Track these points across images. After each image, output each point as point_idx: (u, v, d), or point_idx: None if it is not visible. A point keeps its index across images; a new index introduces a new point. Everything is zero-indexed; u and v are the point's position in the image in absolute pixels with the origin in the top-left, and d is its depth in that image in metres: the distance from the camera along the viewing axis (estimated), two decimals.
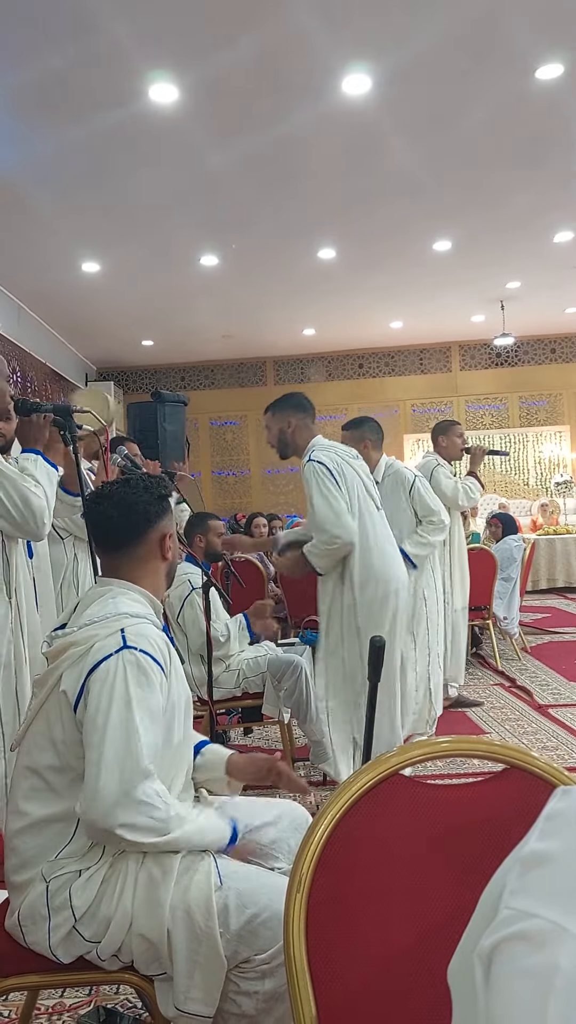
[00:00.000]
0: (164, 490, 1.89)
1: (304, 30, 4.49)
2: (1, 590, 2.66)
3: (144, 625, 1.69)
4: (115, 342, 11.38)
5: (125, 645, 1.62)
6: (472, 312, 10.88)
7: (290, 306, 10.08)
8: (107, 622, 1.67)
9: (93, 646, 1.63)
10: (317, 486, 3.29)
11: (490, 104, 5.41)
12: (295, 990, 1.00)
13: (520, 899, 0.63)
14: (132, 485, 1.86)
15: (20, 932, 1.61)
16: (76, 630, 1.69)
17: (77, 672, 1.62)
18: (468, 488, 4.92)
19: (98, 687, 1.58)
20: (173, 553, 1.91)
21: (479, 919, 0.68)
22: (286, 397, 3.59)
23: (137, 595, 1.80)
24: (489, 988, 0.61)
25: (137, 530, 1.83)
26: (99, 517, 1.86)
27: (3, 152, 5.64)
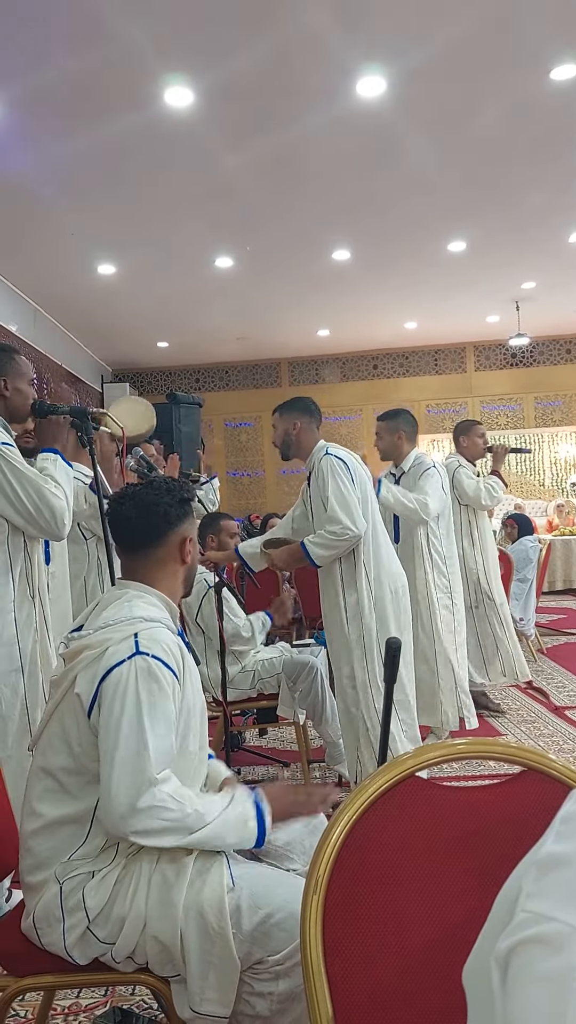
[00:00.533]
0: (187, 493, 1.90)
1: (318, 32, 4.49)
2: (25, 589, 2.68)
3: (158, 630, 1.69)
4: (130, 344, 11.41)
5: (138, 651, 1.62)
6: (487, 312, 10.85)
7: (305, 307, 10.08)
8: (121, 626, 1.68)
9: (106, 650, 1.64)
10: (334, 479, 3.33)
11: (505, 105, 5.40)
12: (312, 991, 1.00)
13: (537, 902, 0.63)
14: (155, 487, 1.87)
15: (36, 934, 1.61)
16: (91, 632, 1.70)
17: (91, 676, 1.62)
18: (491, 487, 4.90)
19: (111, 694, 1.59)
20: (193, 557, 1.91)
21: (495, 921, 0.68)
22: (294, 400, 3.65)
23: (154, 598, 1.81)
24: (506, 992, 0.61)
25: (157, 532, 1.84)
26: (120, 517, 1.87)
27: (20, 156, 5.67)
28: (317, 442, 3.55)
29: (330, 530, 3.30)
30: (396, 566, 3.52)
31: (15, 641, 2.63)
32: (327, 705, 3.87)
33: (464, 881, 1.09)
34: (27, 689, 2.65)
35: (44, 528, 2.64)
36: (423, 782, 1.13)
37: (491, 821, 1.11)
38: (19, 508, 2.59)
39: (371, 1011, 1.02)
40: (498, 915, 0.68)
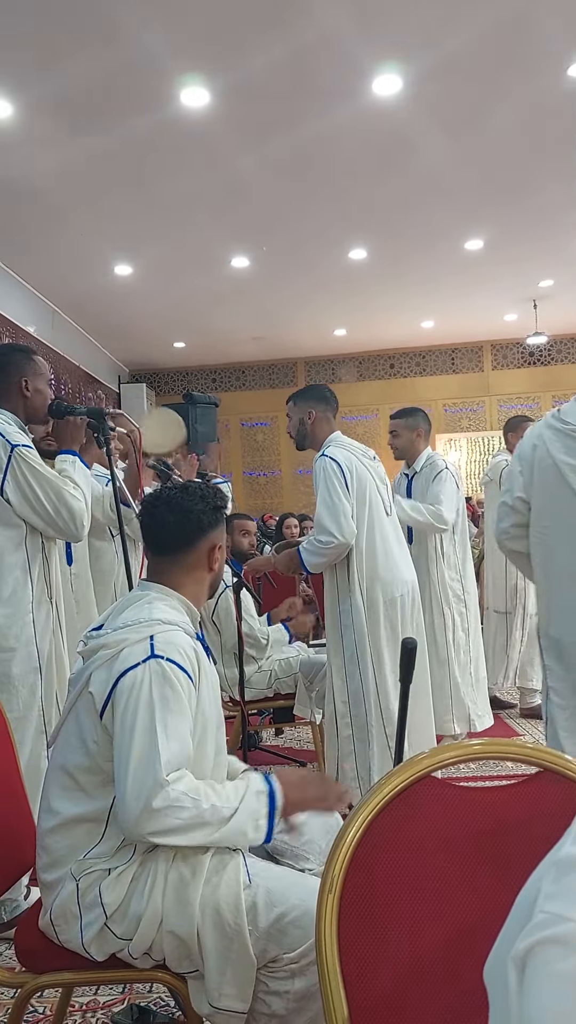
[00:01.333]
0: (221, 501, 1.91)
1: (334, 32, 4.49)
2: (43, 590, 2.70)
3: (175, 633, 1.70)
4: (147, 344, 11.44)
5: (153, 654, 1.63)
6: (504, 311, 10.80)
7: (321, 307, 10.07)
8: (139, 627, 1.68)
9: (122, 651, 1.64)
10: (324, 484, 3.24)
11: (521, 103, 5.37)
12: (327, 991, 1.00)
13: (555, 903, 0.63)
14: (190, 492, 1.88)
15: (53, 931, 1.62)
16: (110, 632, 1.71)
17: (105, 676, 1.63)
18: None
19: (124, 697, 1.60)
20: (220, 565, 1.92)
21: (515, 921, 0.69)
22: (309, 388, 3.57)
23: (175, 602, 1.81)
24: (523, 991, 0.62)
25: (189, 537, 1.85)
26: (154, 520, 1.87)
27: (38, 158, 5.70)
28: (332, 432, 3.44)
29: (318, 538, 3.23)
30: (397, 572, 3.34)
31: (33, 642, 2.65)
32: None
33: (480, 881, 1.09)
34: (44, 690, 2.67)
35: (63, 529, 2.66)
36: (439, 782, 1.13)
37: (507, 822, 1.11)
38: (38, 510, 2.60)
39: (386, 1010, 1.02)
40: (518, 915, 0.69)
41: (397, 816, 1.09)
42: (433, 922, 1.07)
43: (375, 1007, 1.01)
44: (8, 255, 7.64)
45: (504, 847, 1.10)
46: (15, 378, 2.71)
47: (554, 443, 2.43)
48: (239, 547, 4.14)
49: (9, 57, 4.55)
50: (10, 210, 6.59)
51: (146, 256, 7.90)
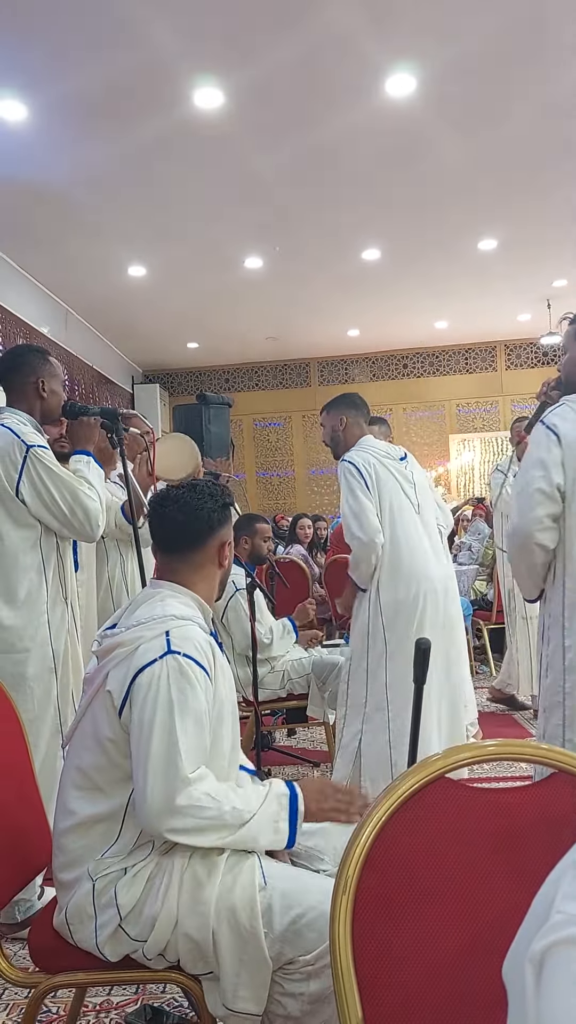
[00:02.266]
0: (228, 498, 1.92)
1: (348, 32, 4.49)
2: (58, 591, 2.71)
3: (190, 627, 1.70)
4: (161, 345, 11.47)
5: (169, 650, 1.63)
6: (518, 311, 10.76)
7: (334, 307, 10.07)
8: (153, 624, 1.69)
9: (138, 648, 1.65)
10: (345, 487, 3.24)
11: (536, 102, 5.35)
12: (341, 993, 1.00)
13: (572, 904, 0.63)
14: (199, 491, 1.88)
15: (68, 930, 1.63)
16: (124, 630, 1.71)
17: (122, 674, 1.64)
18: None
19: (142, 694, 1.60)
20: (229, 561, 1.93)
21: (531, 922, 0.68)
22: (341, 396, 3.55)
23: (188, 599, 1.82)
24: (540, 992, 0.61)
25: (199, 536, 1.85)
26: (163, 519, 1.88)
27: (51, 159, 5.72)
28: (363, 436, 3.43)
29: (348, 543, 3.22)
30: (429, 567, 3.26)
31: (48, 642, 2.65)
32: None
33: (495, 882, 1.08)
34: (59, 690, 2.68)
35: (78, 530, 2.67)
36: (453, 783, 1.13)
37: (522, 823, 1.10)
38: (53, 510, 2.61)
39: (402, 1012, 1.02)
40: (535, 916, 0.68)
41: (411, 817, 1.09)
42: (449, 923, 1.06)
43: (390, 1009, 1.01)
44: (22, 256, 7.67)
45: (519, 848, 1.09)
46: (31, 379, 2.72)
47: None
48: (258, 551, 4.14)
49: (24, 59, 4.57)
50: (24, 211, 6.62)
51: (160, 257, 7.91)
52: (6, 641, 2.60)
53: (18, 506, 2.59)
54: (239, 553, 3.99)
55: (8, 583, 2.61)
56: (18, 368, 2.73)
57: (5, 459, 2.57)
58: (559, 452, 2.27)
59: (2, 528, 2.60)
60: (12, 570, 2.61)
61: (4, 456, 2.57)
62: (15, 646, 2.60)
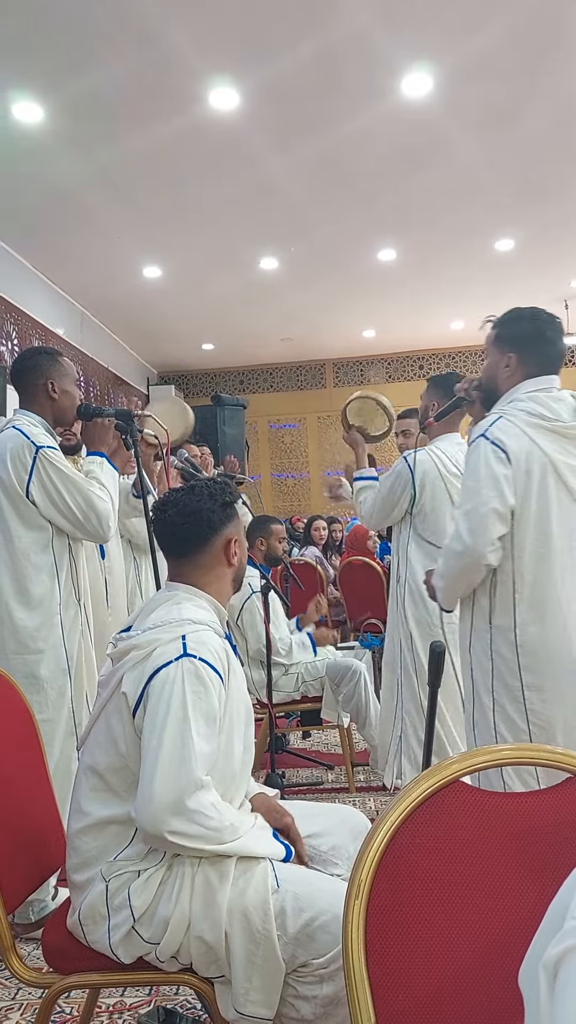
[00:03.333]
0: (229, 496, 1.90)
1: (364, 31, 4.48)
2: (71, 592, 2.72)
3: (205, 632, 1.70)
4: (176, 346, 11.49)
5: (185, 653, 1.63)
6: None
7: (350, 308, 10.05)
8: (170, 627, 1.68)
9: (154, 651, 1.65)
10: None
11: (554, 101, 5.32)
12: (354, 997, 0.99)
13: None
14: (196, 492, 1.87)
15: (81, 931, 1.63)
16: (140, 633, 1.71)
17: (137, 676, 1.63)
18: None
19: (157, 694, 1.60)
20: (239, 559, 1.91)
21: (547, 929, 0.68)
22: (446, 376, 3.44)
23: (203, 602, 1.82)
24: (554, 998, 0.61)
25: (202, 537, 1.84)
26: (164, 524, 1.87)
27: (67, 161, 5.74)
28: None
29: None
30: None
31: (61, 643, 2.66)
32: (371, 709, 3.86)
33: (510, 887, 1.07)
34: (74, 691, 2.68)
35: (89, 531, 2.67)
36: (468, 787, 1.12)
37: (538, 828, 1.09)
38: (64, 511, 2.62)
39: (415, 1017, 1.01)
40: (550, 922, 0.68)
41: (425, 821, 1.08)
42: (463, 928, 1.05)
43: (403, 1014, 1.00)
44: (37, 257, 7.70)
45: (535, 853, 1.08)
46: (41, 380, 2.73)
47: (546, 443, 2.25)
48: (273, 552, 4.14)
49: (40, 60, 4.59)
50: (39, 213, 6.65)
51: (175, 258, 7.93)
52: (20, 642, 2.61)
53: (29, 508, 2.60)
54: (254, 555, 3.99)
55: (21, 584, 2.62)
56: (28, 370, 2.74)
57: (15, 461, 2.58)
58: (509, 471, 2.23)
59: (14, 530, 2.61)
60: (25, 571, 2.62)
61: (14, 458, 2.58)
62: (29, 647, 2.61)
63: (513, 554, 2.24)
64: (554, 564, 2.22)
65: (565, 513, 2.23)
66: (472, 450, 2.31)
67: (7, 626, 2.61)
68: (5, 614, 2.61)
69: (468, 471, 2.32)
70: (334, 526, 8.13)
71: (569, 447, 2.25)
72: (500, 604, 2.27)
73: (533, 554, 2.23)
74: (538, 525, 2.23)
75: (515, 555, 2.24)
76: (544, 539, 2.22)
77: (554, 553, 2.22)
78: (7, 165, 5.76)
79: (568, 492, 2.23)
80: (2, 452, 2.60)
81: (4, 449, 2.60)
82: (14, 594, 2.61)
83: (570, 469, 2.23)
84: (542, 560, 2.23)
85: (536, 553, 2.23)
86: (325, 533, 7.79)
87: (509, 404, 2.33)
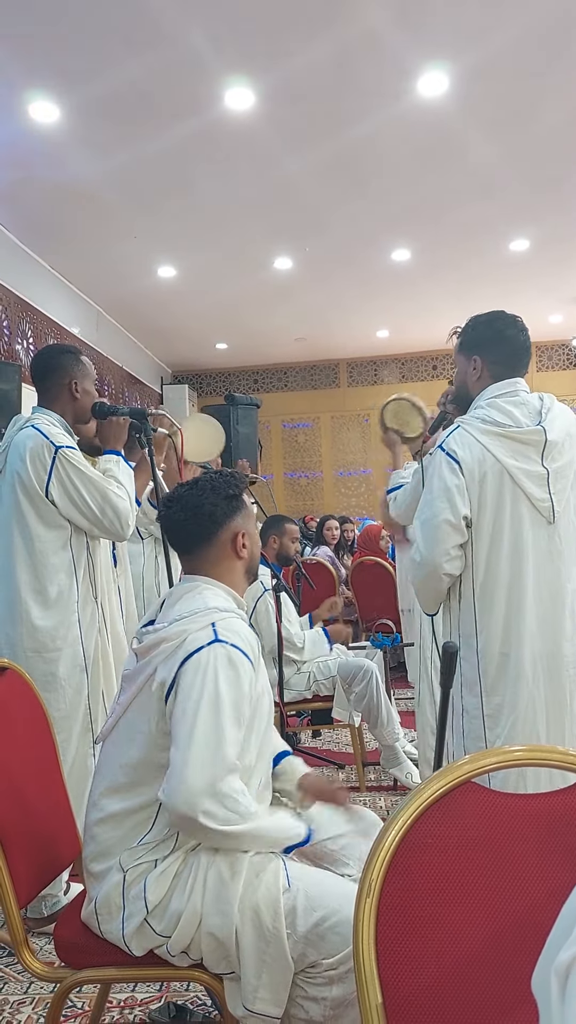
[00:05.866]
0: (233, 489, 1.89)
1: (379, 31, 4.47)
2: (88, 590, 2.73)
3: (233, 619, 1.71)
4: (190, 346, 11.50)
5: (217, 639, 1.64)
6: (550, 312, 10.67)
7: (364, 308, 10.04)
8: (197, 616, 1.69)
9: (186, 639, 1.65)
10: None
11: (569, 101, 5.30)
12: (364, 997, 1.00)
13: None
14: (199, 487, 1.87)
15: (96, 921, 1.64)
16: (166, 626, 1.71)
17: (171, 665, 1.64)
18: None
19: (189, 679, 1.60)
20: (250, 551, 1.91)
21: (559, 933, 0.68)
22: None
23: (221, 591, 1.82)
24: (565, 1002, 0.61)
25: (207, 532, 1.85)
26: (169, 521, 1.88)
27: (83, 161, 5.76)
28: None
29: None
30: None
31: (79, 641, 2.67)
32: (383, 708, 3.86)
33: (521, 889, 1.07)
34: (90, 689, 2.69)
35: (108, 529, 2.68)
36: (479, 788, 1.12)
37: (549, 829, 1.10)
38: (84, 510, 2.63)
39: (425, 1018, 1.01)
40: (562, 927, 0.68)
41: (436, 821, 1.08)
42: (473, 930, 1.06)
43: (414, 1014, 1.01)
44: (54, 257, 7.73)
45: (546, 854, 1.08)
46: (65, 380, 2.75)
47: (500, 450, 2.23)
48: (286, 551, 4.15)
49: (56, 61, 4.60)
50: (56, 213, 6.67)
51: (189, 258, 7.94)
52: (38, 640, 2.62)
53: (48, 507, 2.62)
54: (266, 553, 3.99)
55: (39, 583, 2.63)
56: (53, 370, 2.75)
57: (35, 460, 2.59)
58: (462, 481, 2.23)
59: (33, 529, 2.63)
60: (43, 570, 2.63)
61: (34, 458, 2.59)
62: (47, 646, 2.63)
63: (473, 562, 2.26)
64: (501, 570, 2.23)
65: (521, 520, 2.23)
66: (430, 461, 2.33)
67: (25, 626, 2.62)
68: (24, 614, 2.62)
69: (427, 483, 2.34)
70: (346, 526, 8.13)
71: (526, 452, 2.24)
72: (464, 611, 2.28)
73: (484, 560, 2.24)
74: (491, 533, 2.24)
75: (472, 563, 2.26)
76: (495, 546, 2.23)
77: (503, 559, 2.22)
78: (24, 165, 5.78)
79: (525, 497, 2.22)
80: (21, 451, 2.61)
81: (24, 448, 2.61)
82: (32, 593, 2.63)
83: (525, 474, 2.22)
84: (490, 566, 2.24)
85: (487, 560, 2.24)
86: (337, 533, 7.79)
87: (471, 412, 2.34)
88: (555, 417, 2.28)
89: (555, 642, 2.22)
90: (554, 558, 2.24)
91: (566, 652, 2.23)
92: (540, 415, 2.27)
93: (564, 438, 2.27)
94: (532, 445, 2.23)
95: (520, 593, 2.21)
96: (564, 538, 2.26)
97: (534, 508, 2.22)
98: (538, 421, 2.26)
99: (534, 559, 2.21)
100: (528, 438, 2.23)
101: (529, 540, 2.21)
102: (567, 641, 2.24)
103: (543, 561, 2.23)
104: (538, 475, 2.22)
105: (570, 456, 2.28)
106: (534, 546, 2.22)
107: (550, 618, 2.22)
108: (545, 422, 2.25)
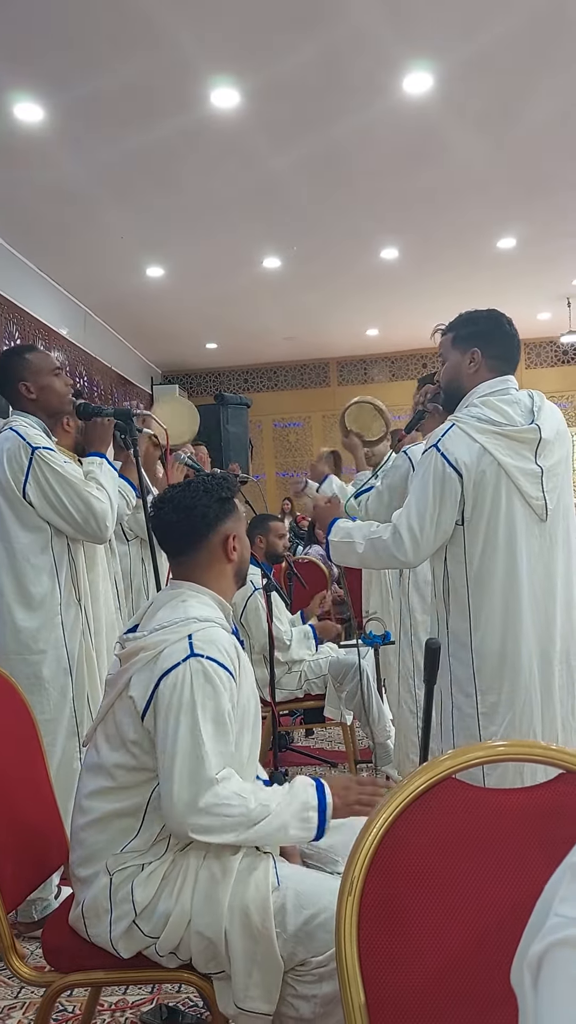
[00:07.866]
0: (226, 492, 1.88)
1: (365, 30, 4.47)
2: (71, 592, 2.72)
3: (212, 629, 1.70)
4: (179, 345, 11.49)
5: (192, 653, 1.63)
6: (538, 310, 10.70)
7: (353, 307, 10.05)
8: (176, 627, 1.68)
9: (162, 652, 1.65)
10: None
11: (555, 99, 5.31)
12: (347, 994, 1.00)
13: (569, 906, 0.62)
14: (191, 489, 1.86)
15: (83, 925, 1.63)
16: (147, 634, 1.71)
17: (146, 679, 1.64)
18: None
19: (166, 698, 1.60)
20: (239, 554, 1.90)
21: (533, 926, 0.68)
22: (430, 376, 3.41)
23: (207, 598, 1.81)
24: (538, 994, 0.61)
25: (198, 534, 1.83)
26: (160, 522, 1.87)
27: (69, 160, 5.74)
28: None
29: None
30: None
31: (62, 644, 2.66)
32: (374, 706, 3.86)
33: (502, 884, 1.07)
34: (75, 691, 2.68)
35: (86, 531, 2.66)
36: (461, 784, 1.12)
37: (530, 824, 1.09)
38: (61, 511, 2.61)
39: (408, 1014, 1.01)
40: (536, 920, 0.68)
41: (419, 818, 1.08)
42: (455, 925, 1.06)
43: (396, 1010, 1.00)
44: (40, 257, 7.71)
45: (527, 849, 1.08)
46: (15, 384, 2.69)
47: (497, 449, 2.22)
48: (274, 549, 4.14)
49: (41, 61, 4.59)
50: (42, 213, 6.66)
51: (178, 257, 7.93)
52: (22, 643, 2.62)
53: (27, 509, 2.60)
54: (255, 552, 3.98)
55: (21, 585, 2.62)
56: (3, 378, 2.72)
57: (12, 462, 2.58)
58: (458, 486, 2.21)
59: (12, 531, 2.61)
60: (24, 573, 2.62)
61: (11, 459, 2.58)
62: (31, 648, 2.62)
63: (465, 560, 2.25)
64: (496, 568, 2.22)
65: (515, 518, 2.22)
66: (424, 459, 2.30)
67: (8, 628, 2.62)
68: (6, 615, 2.62)
69: (419, 482, 2.29)
70: None
71: (522, 450, 2.23)
72: (456, 609, 2.28)
73: (479, 560, 2.24)
74: (485, 531, 2.23)
75: (467, 561, 2.25)
76: (489, 544, 2.23)
77: (497, 557, 2.22)
78: (9, 166, 5.76)
79: (519, 495, 2.22)
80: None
81: (1, 451, 2.60)
82: (15, 595, 2.62)
83: (521, 472, 2.22)
84: (485, 564, 2.23)
85: (482, 559, 2.24)
86: None
87: (464, 410, 2.32)
88: (547, 415, 2.28)
89: (548, 639, 2.23)
90: (545, 555, 2.24)
91: (558, 649, 2.24)
92: (533, 413, 2.27)
93: (556, 436, 2.27)
94: (527, 443, 2.23)
95: (515, 591, 2.21)
96: (555, 536, 2.26)
97: (528, 506, 2.22)
98: (531, 419, 2.26)
99: (527, 557, 2.22)
100: (523, 436, 2.23)
101: (523, 538, 2.22)
102: (560, 638, 2.24)
103: (536, 559, 2.23)
104: (533, 473, 2.22)
105: (561, 454, 2.29)
106: (527, 544, 2.22)
107: (543, 615, 2.23)
108: (538, 420, 2.25)
